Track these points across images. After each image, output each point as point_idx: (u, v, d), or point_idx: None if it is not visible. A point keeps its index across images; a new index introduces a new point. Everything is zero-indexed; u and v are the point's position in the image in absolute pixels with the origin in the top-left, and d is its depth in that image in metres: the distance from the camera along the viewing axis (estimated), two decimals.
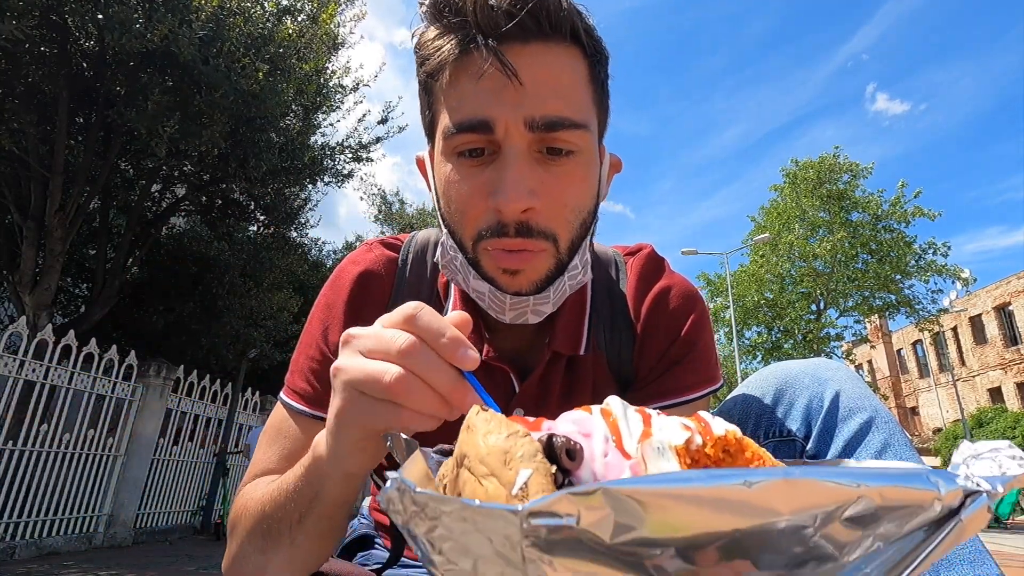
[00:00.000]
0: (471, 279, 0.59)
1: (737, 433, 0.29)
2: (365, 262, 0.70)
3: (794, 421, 0.63)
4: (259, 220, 8.21)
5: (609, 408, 0.30)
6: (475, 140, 0.54)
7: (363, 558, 0.77)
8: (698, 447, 0.28)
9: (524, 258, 0.55)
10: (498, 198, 0.52)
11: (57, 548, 5.07)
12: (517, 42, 0.52)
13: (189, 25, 4.74)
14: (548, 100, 0.53)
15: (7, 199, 5.71)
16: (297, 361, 0.68)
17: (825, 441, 0.61)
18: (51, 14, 4.61)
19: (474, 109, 0.53)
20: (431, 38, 0.55)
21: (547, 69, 0.53)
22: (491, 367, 0.65)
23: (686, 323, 0.69)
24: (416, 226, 16.71)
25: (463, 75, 0.53)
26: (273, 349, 8.85)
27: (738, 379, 16.31)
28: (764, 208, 19.84)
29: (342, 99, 8.07)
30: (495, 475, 0.26)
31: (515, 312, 0.59)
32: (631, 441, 0.27)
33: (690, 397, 0.67)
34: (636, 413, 0.29)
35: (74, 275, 7.77)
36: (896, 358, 33.89)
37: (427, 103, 0.59)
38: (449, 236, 0.60)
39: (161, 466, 6.56)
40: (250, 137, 6.00)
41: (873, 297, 17.81)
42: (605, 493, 0.20)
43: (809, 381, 0.64)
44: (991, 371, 26.93)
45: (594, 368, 0.69)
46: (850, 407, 0.61)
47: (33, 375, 4.86)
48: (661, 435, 0.28)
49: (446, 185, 0.57)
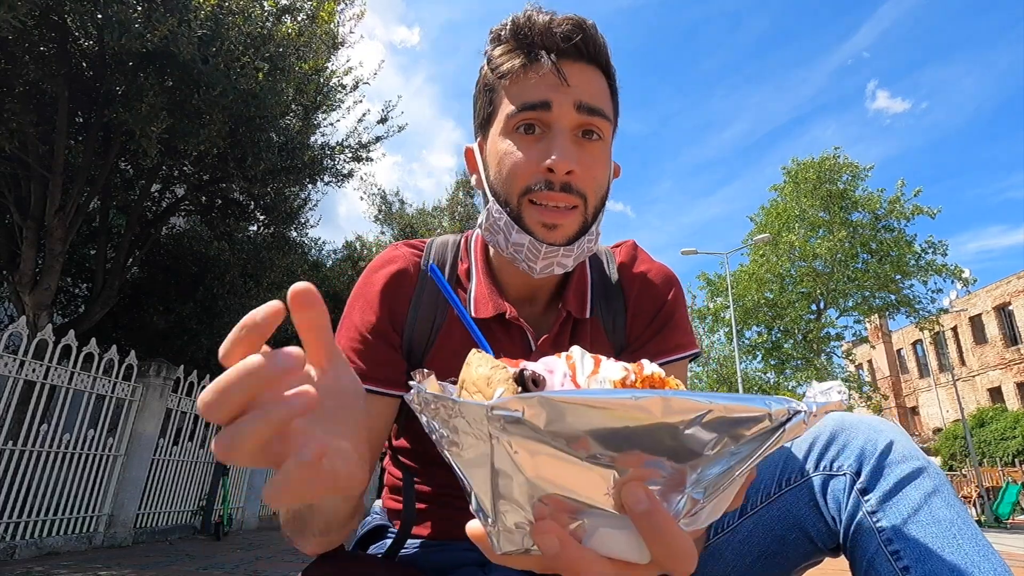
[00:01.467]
0: (513, 233, 0.72)
1: (662, 373, 0.40)
2: (395, 259, 0.82)
3: (847, 459, 0.67)
4: (259, 220, 8.20)
5: (571, 353, 0.42)
6: (534, 116, 0.70)
7: (376, 548, 0.84)
8: (631, 382, 0.38)
9: (561, 214, 0.70)
10: (552, 159, 0.68)
11: (57, 548, 5.07)
12: (569, 60, 0.71)
13: (188, 24, 4.73)
14: (590, 95, 0.71)
15: (7, 199, 5.71)
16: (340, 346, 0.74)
17: (876, 477, 0.64)
18: (51, 14, 4.61)
19: (537, 95, 0.70)
20: (502, 52, 0.74)
21: (587, 78, 0.72)
22: (512, 325, 0.79)
23: (667, 296, 0.84)
24: (416, 226, 16.69)
25: (529, 76, 0.71)
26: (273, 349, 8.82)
27: (738, 379, 16.30)
28: (764, 208, 19.84)
29: (342, 98, 8.07)
30: (481, 392, 0.38)
31: (546, 262, 0.73)
32: (583, 376, 0.39)
33: (676, 357, 0.80)
34: (591, 358, 0.41)
35: (74, 275, 7.76)
36: (896, 358, 33.89)
37: (488, 100, 0.76)
38: (495, 200, 0.74)
39: (161, 466, 6.55)
40: (249, 137, 5.99)
41: (873, 297, 17.81)
42: (541, 399, 0.31)
43: (865, 428, 0.69)
44: (991, 371, 26.93)
45: (592, 332, 0.82)
46: (903, 454, 0.65)
47: (33, 375, 4.86)
48: (605, 373, 0.39)
49: (502, 156, 0.72)
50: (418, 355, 0.79)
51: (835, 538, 0.68)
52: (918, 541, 0.58)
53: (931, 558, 0.57)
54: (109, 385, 5.72)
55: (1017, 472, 19.07)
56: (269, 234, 8.31)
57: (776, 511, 0.72)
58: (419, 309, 0.79)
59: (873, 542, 0.61)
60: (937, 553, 0.57)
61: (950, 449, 24.03)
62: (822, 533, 0.69)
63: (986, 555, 0.57)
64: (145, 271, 7.98)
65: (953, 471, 21.08)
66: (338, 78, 7.87)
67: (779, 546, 0.72)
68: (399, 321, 0.78)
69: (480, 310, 0.78)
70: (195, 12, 4.83)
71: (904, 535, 0.59)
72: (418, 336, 0.79)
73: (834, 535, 0.68)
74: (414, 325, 0.79)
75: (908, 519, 0.60)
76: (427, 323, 0.79)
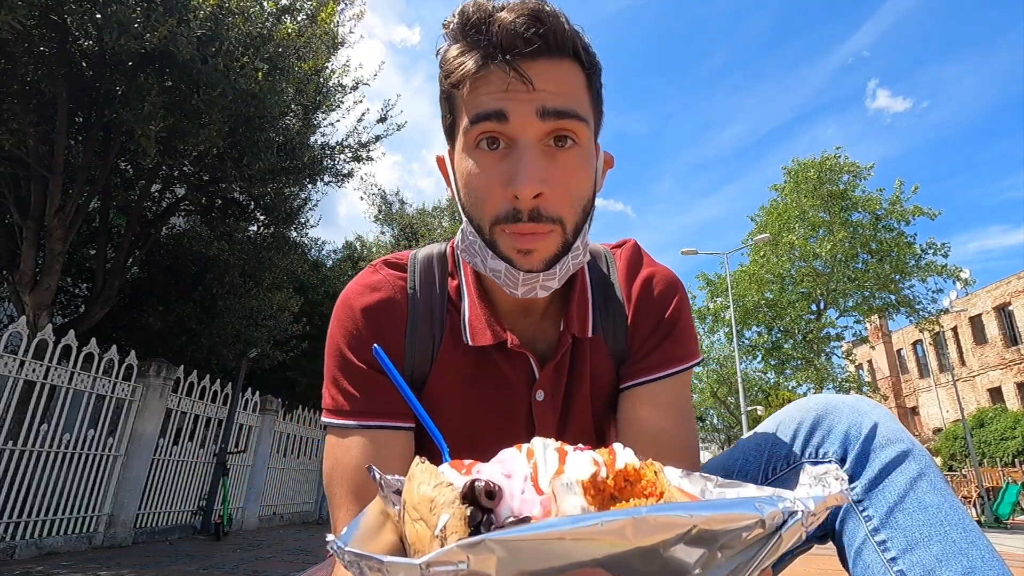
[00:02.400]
0: (488, 259, 0.66)
1: (636, 465, 0.36)
2: (376, 286, 0.75)
3: (832, 444, 0.67)
4: (259, 220, 8.19)
5: (532, 448, 0.36)
6: (491, 128, 0.61)
7: None
8: (602, 479, 0.34)
9: (536, 239, 0.63)
10: (515, 185, 0.60)
11: (57, 548, 5.07)
12: (528, 58, 0.61)
13: (188, 25, 4.73)
14: (555, 97, 0.61)
15: (7, 199, 5.71)
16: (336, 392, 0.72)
17: (861, 463, 0.64)
18: (50, 14, 4.61)
19: (491, 103, 0.61)
20: (455, 55, 0.64)
21: (553, 76, 0.62)
22: (515, 354, 0.73)
23: (671, 304, 0.78)
24: (416, 226, 16.69)
25: (483, 82, 0.62)
26: (273, 349, 8.84)
27: (738, 379, 16.30)
28: (764, 208, 19.82)
29: (342, 98, 8.06)
30: (423, 519, 0.33)
31: (526, 287, 0.66)
32: (545, 478, 0.34)
33: (678, 368, 0.76)
34: (554, 452, 0.36)
35: (74, 275, 7.76)
36: (896, 358, 33.88)
37: (448, 110, 0.68)
38: (468, 223, 0.67)
39: (161, 466, 6.55)
40: (249, 136, 5.99)
41: (873, 297, 17.78)
42: (489, 542, 0.26)
43: (849, 411, 0.68)
44: (991, 371, 26.92)
45: (592, 349, 0.77)
46: (888, 437, 0.64)
47: (33, 375, 4.86)
48: (571, 472, 0.34)
49: (467, 177, 0.65)
50: (418, 383, 0.74)
51: (823, 527, 0.69)
52: (905, 530, 0.59)
53: (918, 547, 0.57)
54: (109, 385, 5.72)
55: (1017, 472, 19.07)
56: (269, 234, 8.30)
57: None
58: (416, 335, 0.74)
59: (860, 532, 0.62)
60: (924, 542, 0.57)
61: (950, 449, 24.02)
62: None
63: (973, 541, 0.57)
64: (145, 271, 7.98)
65: (953, 471, 21.08)
66: (338, 78, 7.87)
67: None
68: (396, 355, 0.72)
69: (477, 337, 0.73)
70: (195, 12, 4.83)
71: (890, 524, 0.60)
72: (419, 363, 0.74)
73: (822, 524, 0.68)
74: (413, 353, 0.73)
75: (894, 507, 0.60)
76: (426, 347, 0.74)
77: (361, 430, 0.68)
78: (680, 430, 0.74)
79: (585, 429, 0.80)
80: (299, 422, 10.12)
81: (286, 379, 10.89)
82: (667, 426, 0.73)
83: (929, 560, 0.56)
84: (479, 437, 0.74)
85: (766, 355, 19.19)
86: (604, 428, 0.83)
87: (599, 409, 0.80)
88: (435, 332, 0.74)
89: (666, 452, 0.71)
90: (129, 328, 7.79)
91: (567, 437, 0.76)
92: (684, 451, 0.73)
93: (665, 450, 0.71)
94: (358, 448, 0.68)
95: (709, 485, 0.40)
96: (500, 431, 0.75)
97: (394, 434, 0.69)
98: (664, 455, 0.67)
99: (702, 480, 0.40)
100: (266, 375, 10.46)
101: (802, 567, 5.05)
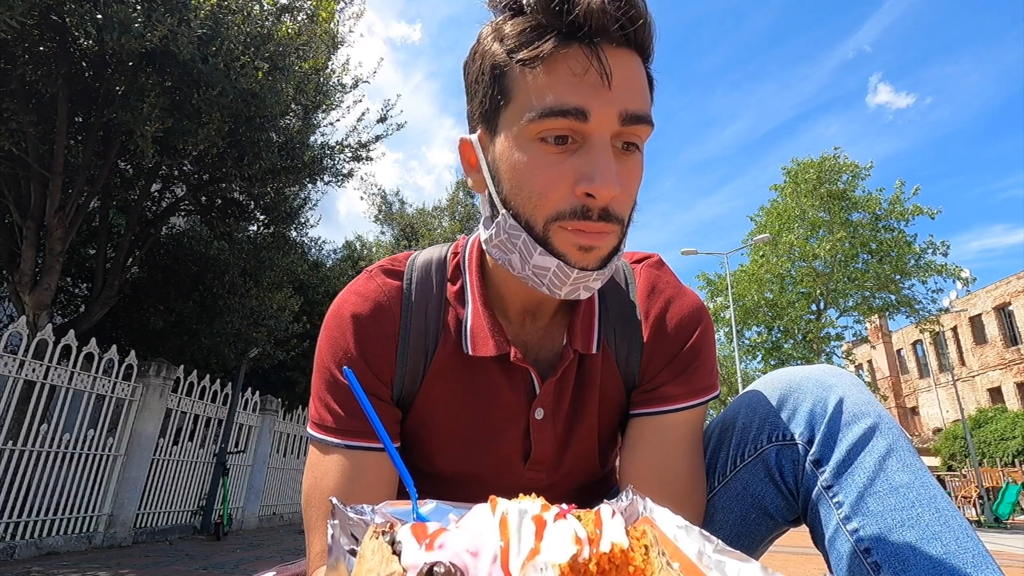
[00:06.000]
0: (535, 255, 0.61)
1: (624, 545, 0.31)
2: (369, 295, 0.71)
3: (798, 425, 0.65)
4: (259, 220, 8.19)
5: (507, 515, 0.31)
6: (565, 125, 0.56)
7: None
8: (584, 561, 0.30)
9: (600, 237, 0.59)
10: (594, 183, 0.56)
11: (57, 548, 5.06)
12: (612, 45, 0.56)
13: (188, 24, 4.73)
14: (634, 98, 0.57)
15: (7, 199, 5.70)
16: (320, 406, 0.69)
17: (829, 445, 0.62)
18: (50, 14, 4.60)
19: (572, 97, 0.55)
20: (519, 30, 0.57)
21: (631, 74, 0.58)
22: (515, 368, 0.70)
23: (694, 333, 0.73)
24: (416, 226, 16.68)
25: (561, 66, 0.56)
26: (274, 349, 8.84)
27: (738, 379, 16.31)
28: (764, 208, 19.83)
29: (341, 98, 8.06)
30: None
31: (571, 287, 0.62)
32: (517, 561, 0.29)
33: (693, 403, 0.71)
34: (531, 523, 0.31)
35: (74, 275, 7.75)
36: (896, 358, 33.88)
37: (497, 91, 0.60)
38: (512, 217, 0.61)
39: (161, 466, 6.55)
40: (249, 136, 5.98)
41: (873, 297, 17.80)
42: None
43: (813, 386, 0.66)
44: (991, 371, 26.93)
45: (602, 366, 0.73)
46: (854, 412, 0.62)
47: (33, 375, 4.85)
48: (548, 553, 0.29)
49: (521, 169, 0.59)
50: (408, 398, 0.71)
51: (794, 511, 0.67)
52: (876, 516, 0.57)
53: (891, 535, 0.56)
54: (109, 385, 5.71)
55: (1017, 472, 19.05)
56: (269, 234, 8.30)
57: (734, 491, 0.70)
58: (408, 347, 0.70)
59: (832, 519, 0.60)
60: (897, 528, 0.56)
61: (950, 449, 24.02)
62: (781, 508, 0.68)
63: (946, 522, 0.55)
64: (145, 271, 7.97)
65: (953, 471, 21.07)
66: (338, 77, 7.87)
67: (741, 527, 0.70)
68: (386, 371, 0.69)
69: (478, 347, 0.69)
70: (195, 12, 4.82)
71: (862, 511, 0.58)
72: (410, 376, 0.70)
73: (793, 509, 0.67)
74: (404, 366, 0.70)
75: (864, 491, 0.58)
76: (419, 359, 0.70)
77: (343, 449, 0.66)
78: (687, 469, 0.70)
79: (586, 454, 0.76)
80: (299, 422, 10.12)
81: (286, 379, 10.89)
82: (673, 464, 0.70)
83: (903, 549, 0.55)
84: (472, 456, 0.73)
85: (766, 355, 19.19)
86: (608, 452, 0.80)
87: (605, 432, 0.76)
88: (429, 343, 0.70)
89: (669, 490, 0.68)
90: (129, 328, 7.78)
91: (565, 461, 0.75)
92: (688, 493, 0.70)
93: (668, 487, 0.68)
94: (338, 469, 0.66)
95: (708, 548, 0.35)
96: (495, 452, 0.73)
97: (378, 456, 0.66)
98: (666, 494, 0.66)
99: (701, 539, 0.36)
100: (266, 375, 10.46)
101: (802, 567, 5.05)
